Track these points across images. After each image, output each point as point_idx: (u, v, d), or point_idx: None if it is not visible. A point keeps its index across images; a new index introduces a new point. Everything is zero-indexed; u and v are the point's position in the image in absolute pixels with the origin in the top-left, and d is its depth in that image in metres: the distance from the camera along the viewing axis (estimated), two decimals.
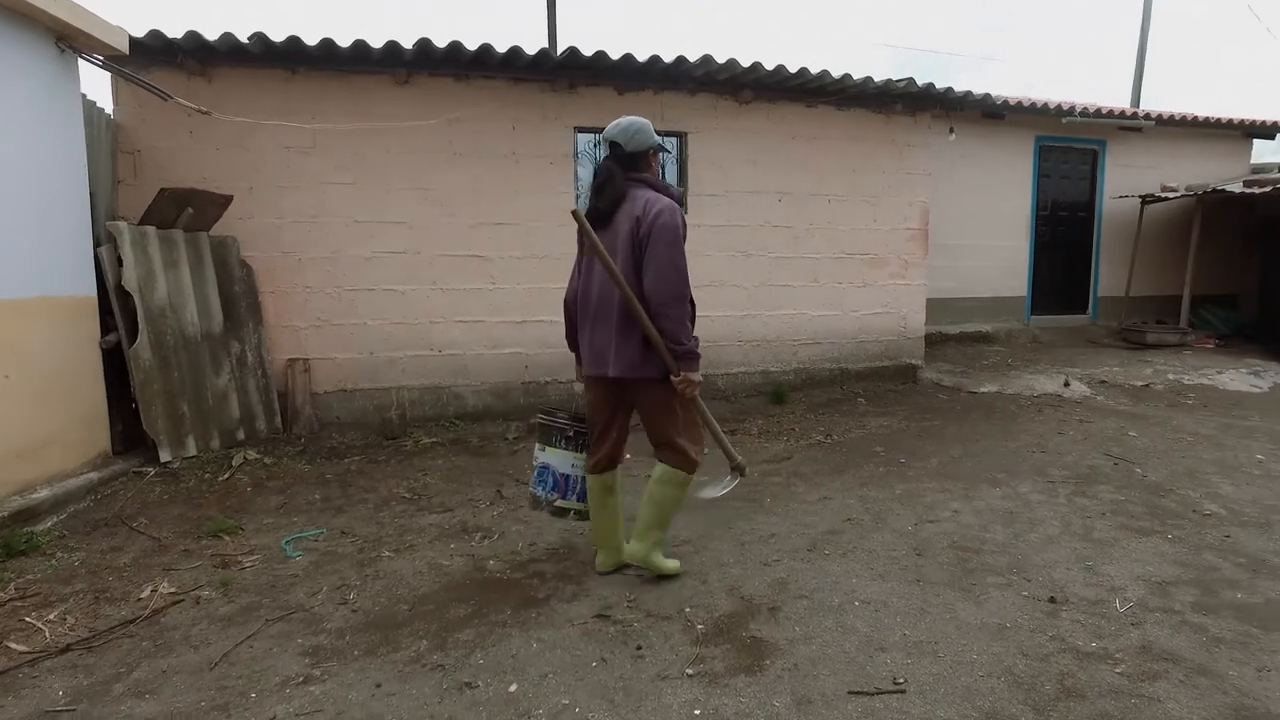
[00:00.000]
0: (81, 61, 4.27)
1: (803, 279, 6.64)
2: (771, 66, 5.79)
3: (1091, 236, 9.39)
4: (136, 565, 3.18)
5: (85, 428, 4.15)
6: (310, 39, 4.96)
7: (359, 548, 3.36)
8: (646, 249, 2.63)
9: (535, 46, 5.37)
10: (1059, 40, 43.75)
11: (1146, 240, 9.21)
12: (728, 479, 3.05)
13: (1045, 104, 8.34)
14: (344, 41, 4.99)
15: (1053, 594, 2.76)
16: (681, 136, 6.18)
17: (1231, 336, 9.16)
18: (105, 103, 4.94)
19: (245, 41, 4.87)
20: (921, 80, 6.18)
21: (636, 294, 2.65)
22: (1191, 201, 8.89)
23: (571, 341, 3.02)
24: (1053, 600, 2.72)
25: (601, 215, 2.75)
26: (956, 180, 8.32)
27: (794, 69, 5.87)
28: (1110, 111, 9.01)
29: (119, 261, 4.41)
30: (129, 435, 4.50)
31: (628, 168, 2.78)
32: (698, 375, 2.71)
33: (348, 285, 5.50)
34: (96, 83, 23.51)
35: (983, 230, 8.67)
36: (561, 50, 5.42)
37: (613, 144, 2.78)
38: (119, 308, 4.42)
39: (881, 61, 47.95)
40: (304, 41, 4.94)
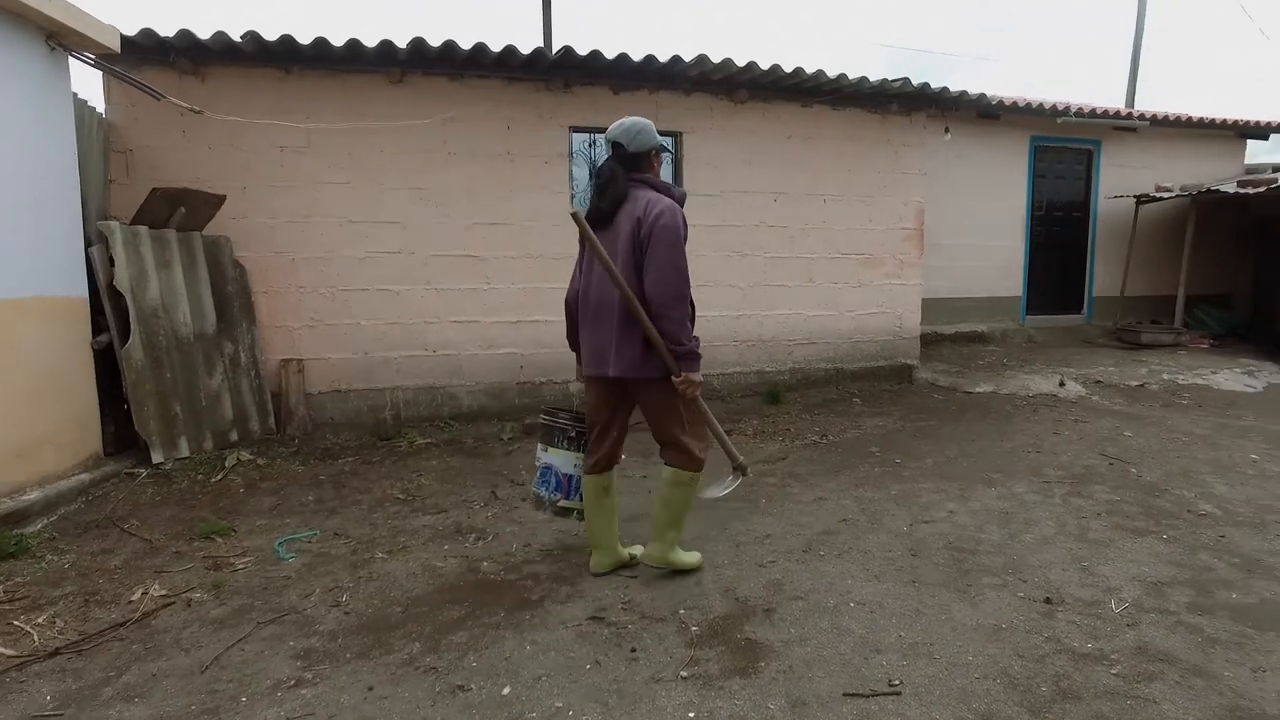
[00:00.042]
0: (73, 60, 4.23)
1: (798, 279, 6.64)
2: (767, 66, 5.79)
3: (1086, 236, 9.41)
4: (127, 567, 3.16)
5: (77, 429, 4.13)
6: (304, 38, 4.94)
7: (352, 549, 3.34)
8: (647, 250, 2.63)
9: (530, 46, 5.35)
10: (1054, 41, 43.93)
11: (1141, 240, 9.23)
12: (729, 479, 3.04)
13: (1040, 104, 8.34)
14: (338, 41, 4.98)
15: (1048, 595, 2.76)
16: (677, 136, 6.18)
17: (1226, 336, 9.20)
18: (97, 102, 4.92)
19: (238, 40, 4.85)
20: (917, 80, 6.19)
21: (637, 295, 2.64)
22: (1186, 202, 8.92)
23: (572, 341, 3.01)
24: (1048, 601, 2.72)
25: (603, 215, 2.74)
26: (952, 180, 8.32)
27: (789, 69, 5.87)
28: (1105, 112, 9.04)
29: (111, 261, 4.38)
30: (121, 436, 4.48)
31: (630, 168, 2.77)
32: (698, 375, 2.71)
33: (342, 285, 5.47)
34: (88, 82, 23.45)
35: (978, 230, 8.67)
36: (556, 50, 5.40)
37: (615, 144, 2.78)
38: (111, 308, 4.39)
39: (878, 61, 48.12)
40: (297, 41, 4.92)
